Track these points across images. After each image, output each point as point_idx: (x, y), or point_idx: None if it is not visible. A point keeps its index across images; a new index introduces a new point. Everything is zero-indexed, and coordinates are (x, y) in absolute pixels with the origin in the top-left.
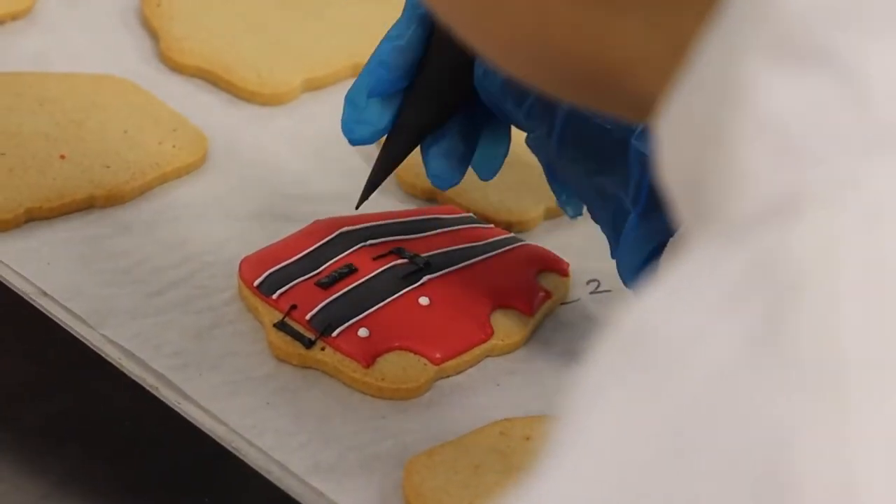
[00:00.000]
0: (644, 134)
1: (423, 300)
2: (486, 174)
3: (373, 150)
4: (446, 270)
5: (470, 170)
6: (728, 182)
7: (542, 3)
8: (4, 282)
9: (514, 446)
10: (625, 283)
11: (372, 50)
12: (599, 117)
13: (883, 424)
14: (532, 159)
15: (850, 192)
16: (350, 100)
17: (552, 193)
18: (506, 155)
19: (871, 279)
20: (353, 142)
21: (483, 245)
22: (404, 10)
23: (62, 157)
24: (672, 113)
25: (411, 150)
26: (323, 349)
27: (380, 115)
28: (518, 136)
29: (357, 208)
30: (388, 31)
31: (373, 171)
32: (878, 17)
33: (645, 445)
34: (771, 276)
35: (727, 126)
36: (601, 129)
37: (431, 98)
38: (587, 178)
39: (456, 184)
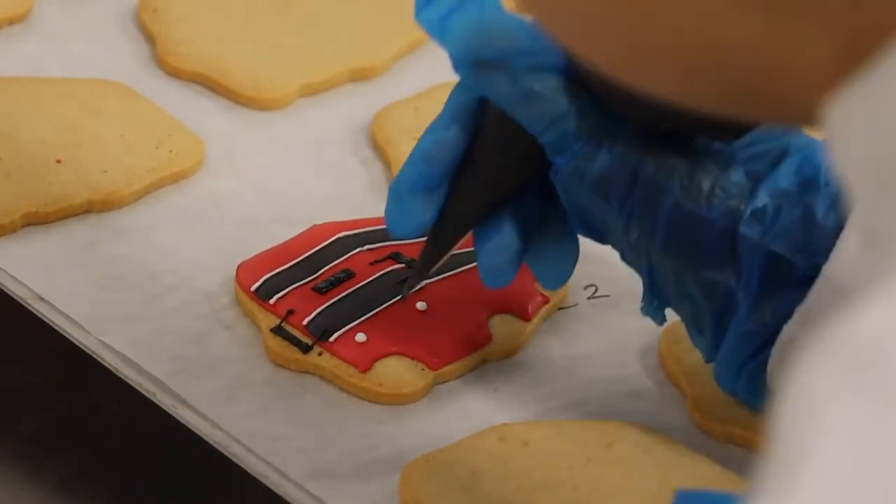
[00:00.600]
0: (751, 219)
1: (421, 305)
2: (552, 283)
3: (372, 156)
4: (443, 275)
5: None
6: None
7: (702, 9)
8: (1, 287)
9: (512, 452)
10: (723, 386)
11: (368, 55)
12: (704, 211)
13: None
14: None
15: None
16: (393, 191)
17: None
18: (575, 263)
19: None
20: (397, 235)
21: None
22: (448, 101)
23: (59, 161)
24: (856, 99)
25: (457, 244)
26: (320, 354)
27: (423, 208)
28: None
29: (404, 298)
30: (433, 122)
31: (418, 263)
32: None
33: (889, 472)
34: None
35: None
36: (707, 221)
37: (478, 192)
38: (693, 274)
39: (508, 283)
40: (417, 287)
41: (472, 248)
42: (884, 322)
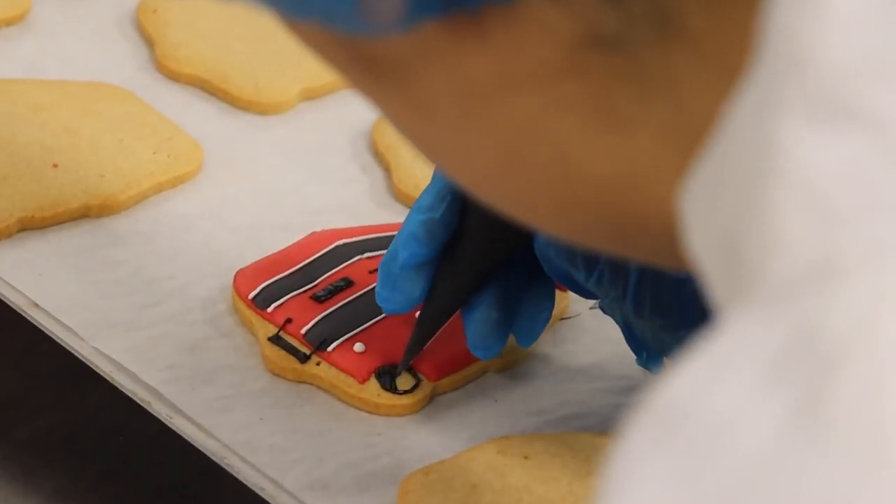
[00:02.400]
0: None
1: None
2: (526, 341)
3: (372, 162)
4: None
5: None
6: (764, 249)
7: (560, 147)
8: None
9: (511, 465)
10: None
11: None
12: (673, 271)
13: None
14: None
15: (889, 256)
16: (383, 269)
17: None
18: (547, 320)
19: None
20: (388, 311)
21: None
22: (433, 180)
23: (55, 165)
24: (699, 183)
25: (448, 319)
26: (318, 364)
27: (413, 284)
28: None
29: (398, 375)
30: (418, 201)
31: (411, 339)
32: None
33: None
34: (810, 350)
35: (762, 190)
36: (677, 282)
37: (467, 267)
38: (669, 334)
39: (496, 354)
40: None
41: None
42: (687, 383)
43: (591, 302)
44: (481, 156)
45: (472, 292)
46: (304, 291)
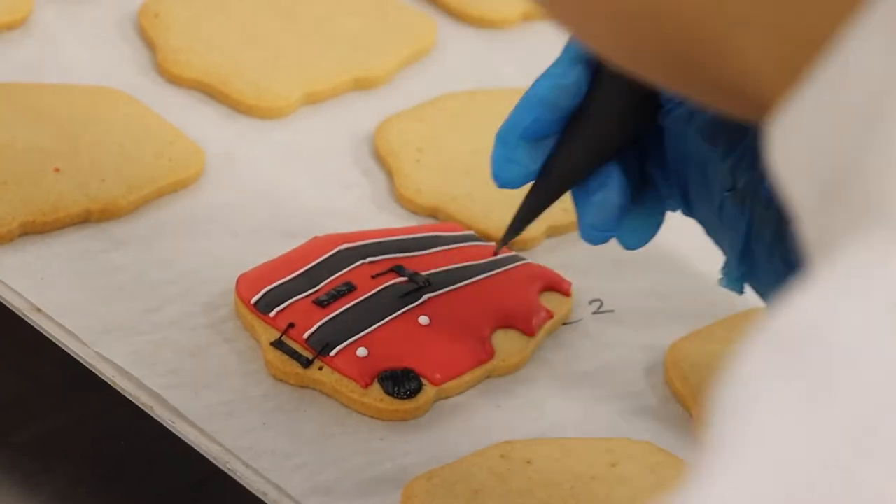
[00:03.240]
0: None
1: (423, 319)
2: (634, 243)
3: (374, 166)
4: (446, 289)
5: (466, 184)
6: (886, 176)
7: None
8: None
9: (514, 470)
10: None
11: (370, 64)
12: None
13: None
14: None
15: None
16: (501, 138)
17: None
18: (660, 226)
19: None
20: (502, 183)
21: (484, 264)
22: (566, 48)
23: (57, 170)
24: (804, 108)
25: (558, 198)
26: (321, 369)
27: (532, 157)
28: None
29: (496, 254)
30: (548, 69)
31: (516, 216)
32: None
33: (825, 447)
34: None
35: (882, 118)
36: None
37: (588, 145)
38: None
39: (607, 239)
40: (422, 300)
41: (475, 262)
42: (814, 309)
43: (595, 306)
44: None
45: (591, 170)
46: (307, 296)
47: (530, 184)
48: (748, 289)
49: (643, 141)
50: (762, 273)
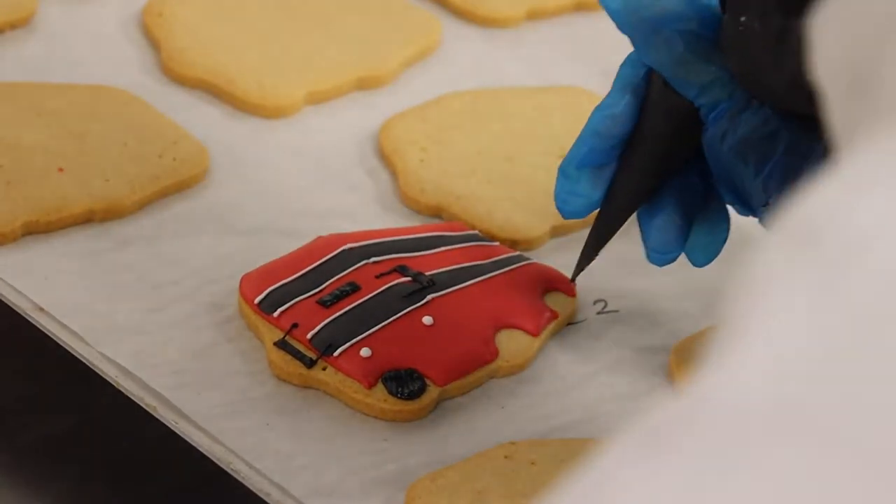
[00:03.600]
0: None
1: (427, 320)
2: (703, 260)
3: (378, 166)
4: (450, 289)
5: (470, 183)
6: None
7: None
8: (0, 297)
9: (518, 471)
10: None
11: (375, 63)
12: None
13: None
14: (540, 177)
15: None
16: (563, 171)
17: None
18: (725, 241)
19: None
20: (567, 214)
21: (488, 264)
22: (617, 78)
23: (60, 169)
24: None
25: (624, 223)
26: (324, 369)
27: (592, 186)
28: (522, 152)
29: (573, 280)
30: (601, 102)
31: (586, 244)
32: None
33: (833, 333)
34: None
35: None
36: None
37: (644, 168)
38: None
39: (674, 259)
40: (426, 300)
41: (479, 262)
42: (834, 198)
43: (599, 307)
44: None
45: (651, 193)
46: (311, 296)
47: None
48: None
49: (699, 158)
50: None
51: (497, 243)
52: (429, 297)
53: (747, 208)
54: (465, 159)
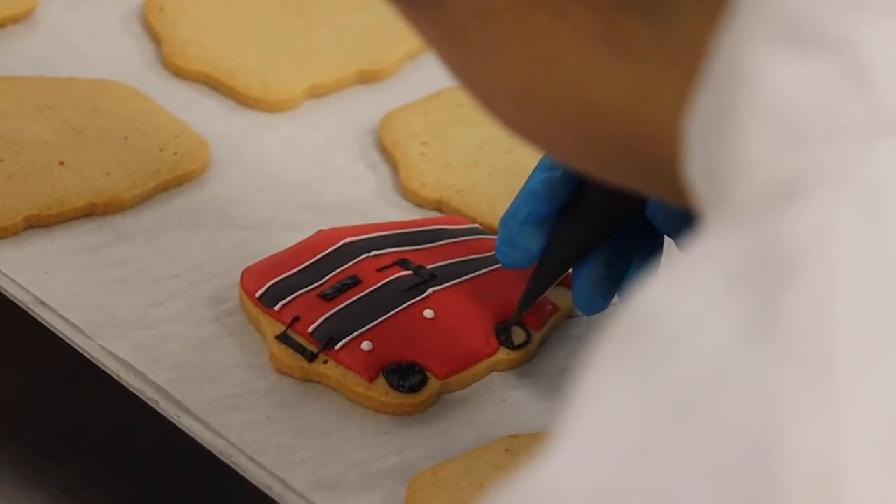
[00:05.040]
0: None
1: (428, 313)
2: None
3: (379, 160)
4: (451, 282)
5: (471, 177)
6: (734, 167)
7: (573, 75)
8: (2, 290)
9: (520, 464)
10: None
11: (376, 57)
12: None
13: (871, 408)
14: None
15: (850, 175)
16: (503, 223)
17: None
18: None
19: (864, 261)
20: (507, 266)
21: (489, 257)
22: None
23: (62, 163)
24: (695, 110)
25: (562, 275)
26: (325, 362)
27: (533, 240)
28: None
29: (515, 323)
30: (542, 159)
31: (525, 292)
32: (880, 3)
33: (643, 423)
34: (770, 260)
35: (733, 112)
36: None
37: (585, 226)
38: None
39: (601, 310)
40: (427, 294)
41: (480, 256)
42: (655, 294)
43: None
44: (505, 82)
45: (589, 250)
46: (312, 290)
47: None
48: None
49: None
50: None
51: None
52: (430, 290)
53: None
54: (467, 153)
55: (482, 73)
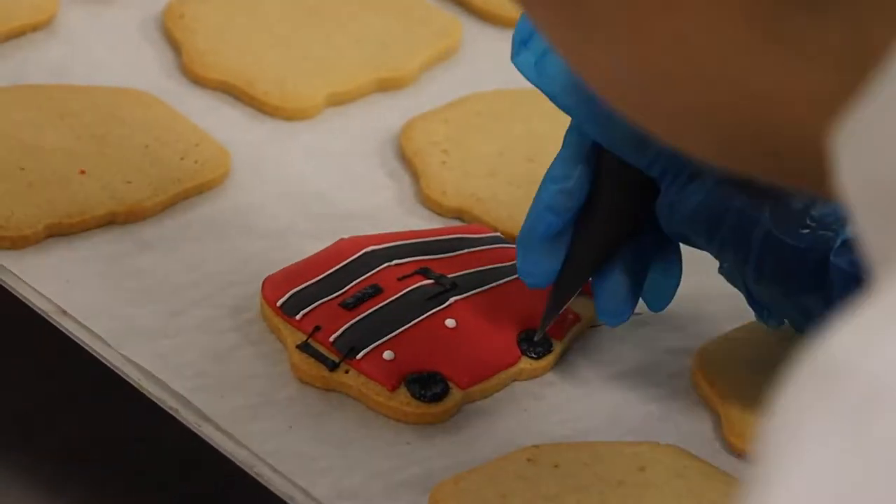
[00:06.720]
0: (843, 249)
1: (450, 322)
2: (657, 306)
3: (400, 168)
4: (473, 292)
5: (492, 185)
6: None
7: (723, 58)
8: (23, 299)
9: (541, 474)
10: None
11: (396, 64)
12: (795, 241)
13: None
14: None
15: None
16: (520, 243)
17: None
18: (677, 286)
19: None
20: (531, 285)
21: (510, 266)
22: (564, 146)
23: (82, 172)
24: (861, 121)
25: (581, 287)
26: (347, 372)
27: (552, 256)
28: (543, 153)
29: (536, 339)
30: (549, 171)
31: (547, 307)
32: None
33: (861, 485)
34: None
35: None
36: (798, 251)
37: (600, 234)
38: (788, 300)
39: (626, 320)
40: (449, 303)
41: (502, 265)
42: (852, 341)
43: None
44: (642, 69)
45: (606, 258)
46: (333, 299)
47: None
48: None
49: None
50: (779, 315)
51: None
52: (451, 299)
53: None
54: (487, 161)
55: (618, 62)
